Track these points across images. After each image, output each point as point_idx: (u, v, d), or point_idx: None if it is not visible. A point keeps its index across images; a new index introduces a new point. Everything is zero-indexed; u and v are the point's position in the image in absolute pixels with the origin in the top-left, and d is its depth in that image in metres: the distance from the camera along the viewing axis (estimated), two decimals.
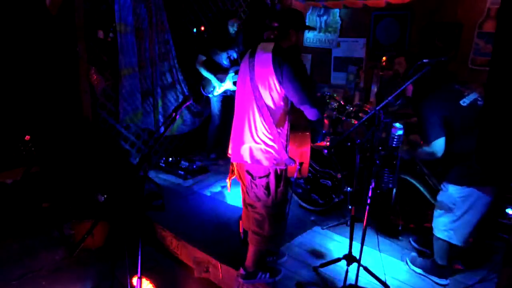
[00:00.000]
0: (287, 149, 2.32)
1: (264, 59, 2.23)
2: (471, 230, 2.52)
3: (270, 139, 2.28)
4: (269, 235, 2.47)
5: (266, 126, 2.26)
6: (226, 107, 4.69)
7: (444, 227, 2.56)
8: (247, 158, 2.32)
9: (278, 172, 2.35)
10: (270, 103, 2.25)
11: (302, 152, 2.32)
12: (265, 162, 2.30)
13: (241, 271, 2.63)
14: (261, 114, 2.26)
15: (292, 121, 2.35)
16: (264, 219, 2.44)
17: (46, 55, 3.89)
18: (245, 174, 2.39)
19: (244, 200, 2.64)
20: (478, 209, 2.47)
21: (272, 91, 2.23)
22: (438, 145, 2.42)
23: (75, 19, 3.73)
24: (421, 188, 2.98)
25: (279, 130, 2.29)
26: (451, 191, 2.51)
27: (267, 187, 2.35)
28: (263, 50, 2.27)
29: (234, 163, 2.53)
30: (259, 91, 2.25)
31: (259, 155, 2.30)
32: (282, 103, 2.28)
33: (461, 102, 2.43)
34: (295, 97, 2.22)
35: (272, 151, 2.29)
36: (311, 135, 2.39)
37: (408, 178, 3.08)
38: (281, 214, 2.52)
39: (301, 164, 2.31)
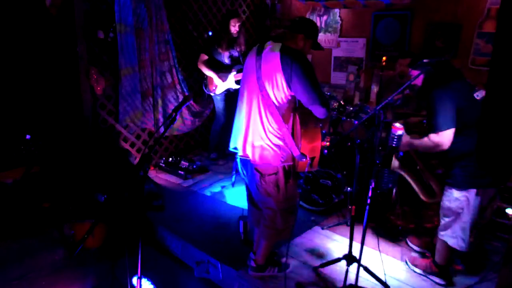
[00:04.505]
0: (300, 145, 2.30)
1: (271, 58, 2.23)
2: (474, 231, 2.49)
3: (278, 136, 2.28)
4: (282, 228, 2.51)
5: (275, 124, 2.27)
6: (230, 105, 4.68)
7: (453, 234, 2.49)
8: (256, 157, 2.34)
9: (286, 168, 2.36)
10: (276, 101, 2.25)
11: (313, 147, 2.30)
12: (273, 161, 2.32)
13: (252, 263, 2.66)
14: (270, 113, 2.26)
15: (302, 117, 2.32)
16: (276, 214, 2.47)
17: (47, 55, 3.90)
18: (254, 171, 2.40)
19: (250, 198, 2.64)
20: (483, 210, 2.45)
21: (279, 90, 2.23)
22: (447, 135, 2.31)
23: (75, 19, 3.73)
24: (413, 185, 2.90)
25: (286, 126, 2.29)
26: (456, 196, 2.44)
27: (276, 184, 2.38)
28: (270, 49, 2.26)
29: (239, 160, 2.52)
30: (266, 90, 2.24)
31: (267, 155, 2.31)
32: (288, 101, 2.28)
33: (474, 94, 2.34)
34: (304, 97, 2.20)
35: (278, 150, 2.30)
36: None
37: (402, 173, 2.93)
38: (293, 207, 2.54)
39: (312, 158, 2.30)
